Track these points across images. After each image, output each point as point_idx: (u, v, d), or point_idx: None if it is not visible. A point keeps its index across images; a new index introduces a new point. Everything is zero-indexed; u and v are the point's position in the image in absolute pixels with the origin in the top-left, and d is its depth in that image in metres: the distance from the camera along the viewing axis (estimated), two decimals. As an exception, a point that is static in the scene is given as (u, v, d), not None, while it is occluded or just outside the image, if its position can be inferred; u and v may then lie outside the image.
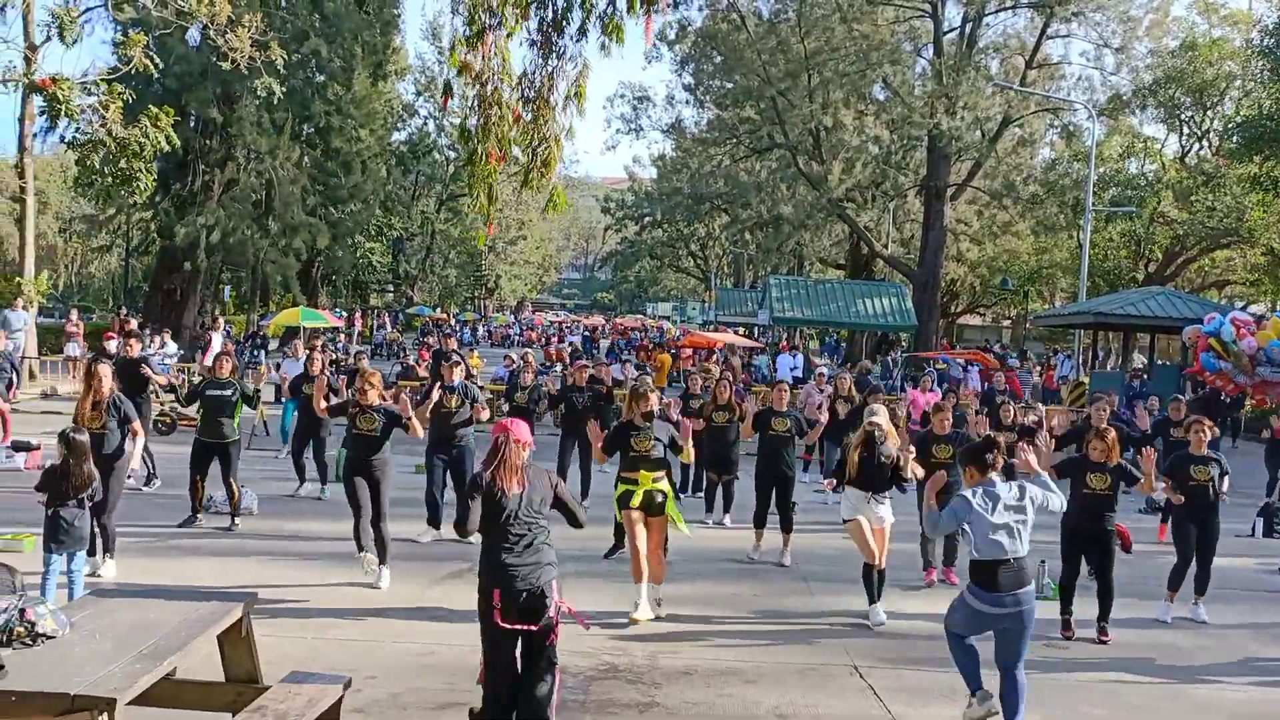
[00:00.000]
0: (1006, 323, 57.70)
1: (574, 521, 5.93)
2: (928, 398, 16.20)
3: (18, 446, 13.59)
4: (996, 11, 36.07)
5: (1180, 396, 15.01)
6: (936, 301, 38.69)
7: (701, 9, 38.60)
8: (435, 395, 10.17)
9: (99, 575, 8.43)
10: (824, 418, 12.17)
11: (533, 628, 5.43)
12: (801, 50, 34.80)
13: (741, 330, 47.65)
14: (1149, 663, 7.89)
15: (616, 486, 8.43)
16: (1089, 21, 35.26)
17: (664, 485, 8.31)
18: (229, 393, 10.76)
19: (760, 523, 10.55)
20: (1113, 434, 8.58)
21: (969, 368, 27.37)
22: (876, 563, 8.43)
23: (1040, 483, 6.36)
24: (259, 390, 12.01)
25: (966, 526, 6.08)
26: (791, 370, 26.58)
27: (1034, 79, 36.68)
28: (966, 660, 6.18)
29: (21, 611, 4.62)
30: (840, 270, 49.83)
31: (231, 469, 10.75)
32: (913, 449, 8.95)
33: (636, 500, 8.15)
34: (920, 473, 8.85)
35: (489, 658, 5.56)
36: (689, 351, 33.49)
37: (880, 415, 8.74)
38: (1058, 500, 6.41)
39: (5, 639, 4.50)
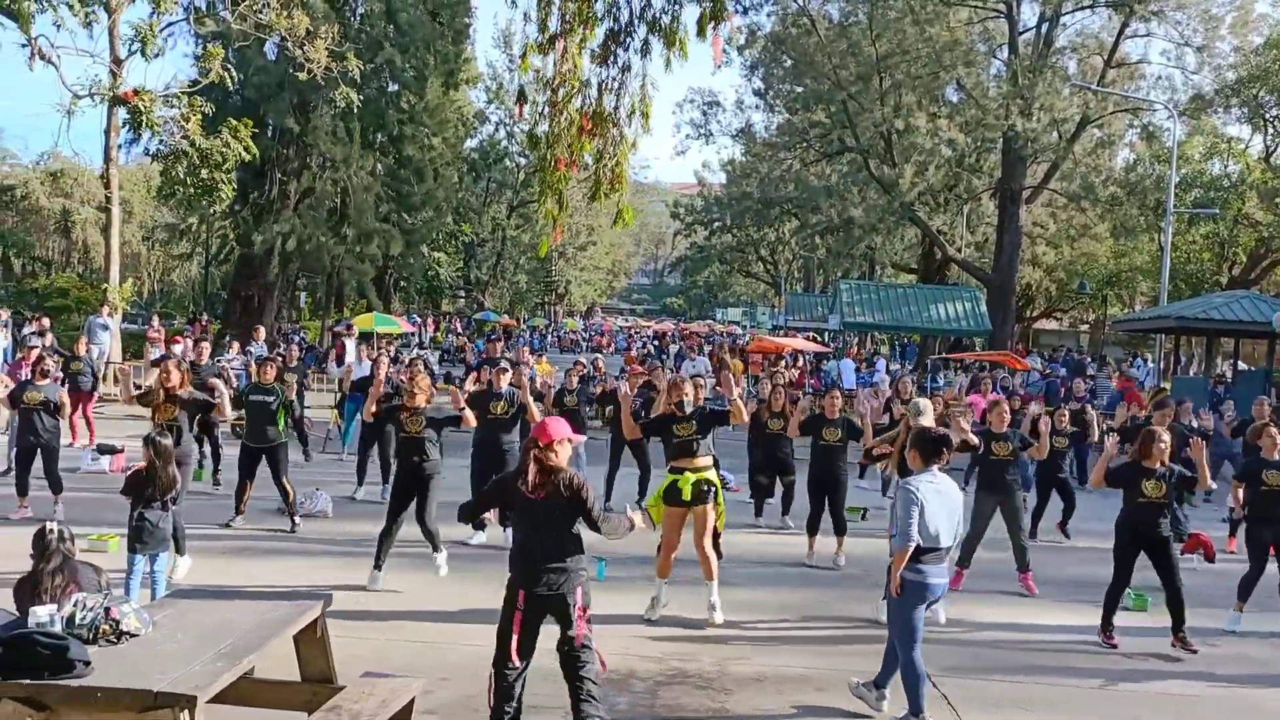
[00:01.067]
0: (1084, 327, 56.52)
1: (594, 528, 5.70)
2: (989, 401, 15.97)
3: (103, 449, 13.97)
4: (1073, 11, 35.36)
5: (1265, 397, 14.64)
6: (1011, 306, 38.03)
7: (770, 14, 38.48)
8: (470, 386, 10.30)
9: (171, 576, 8.59)
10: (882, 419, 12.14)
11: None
12: (873, 53, 34.48)
13: (813, 335, 47.30)
14: (1216, 673, 7.67)
15: (663, 480, 8.42)
16: (1169, 20, 34.42)
17: (712, 475, 8.26)
18: (271, 399, 10.95)
19: (813, 529, 10.57)
20: (1166, 436, 8.38)
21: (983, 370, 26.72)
22: None
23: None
24: (293, 401, 12.17)
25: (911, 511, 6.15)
26: (873, 377, 26.38)
27: (1113, 79, 35.93)
28: (919, 678, 6.19)
29: (107, 610, 4.74)
30: (912, 275, 49.24)
31: (281, 470, 10.90)
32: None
33: (686, 493, 8.10)
34: (974, 440, 9.05)
35: (499, 659, 5.57)
36: (758, 357, 33.27)
37: (927, 415, 8.73)
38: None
39: (91, 636, 4.61)
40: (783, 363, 28.60)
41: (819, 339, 45.58)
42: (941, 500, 6.17)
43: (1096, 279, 46.01)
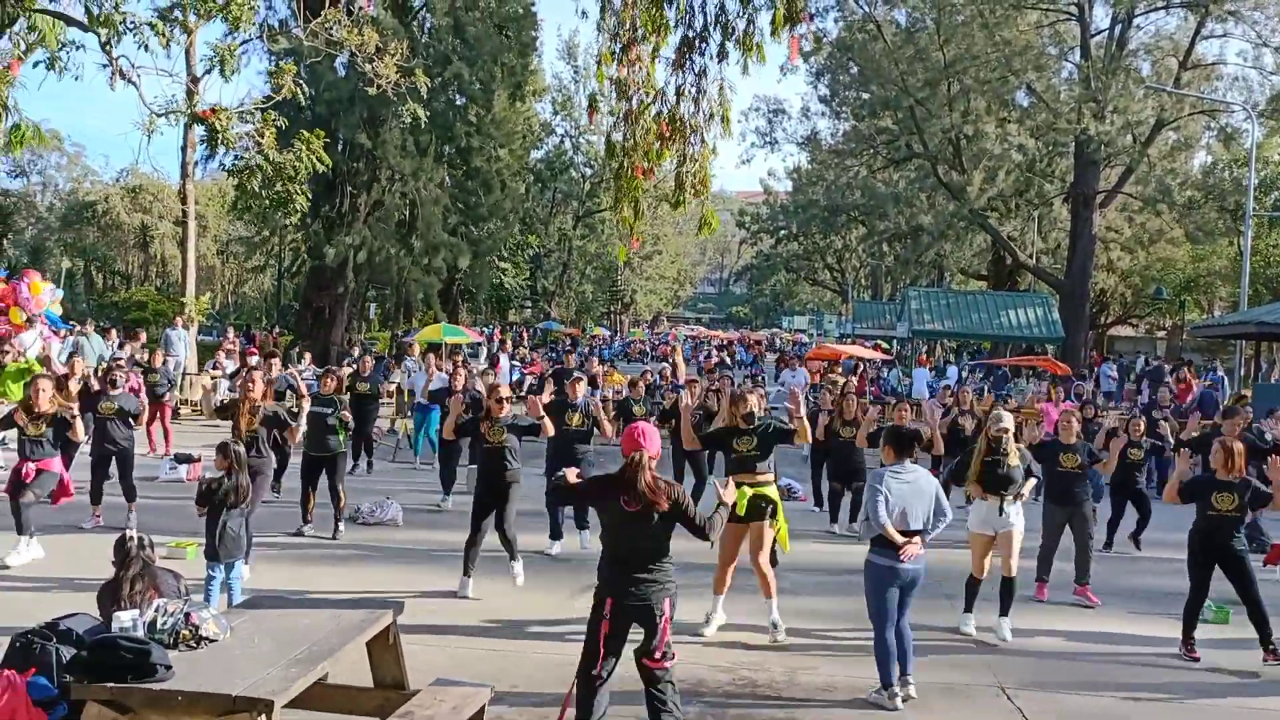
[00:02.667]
0: (1161, 334, 55.28)
1: (700, 536, 5.72)
2: (1060, 409, 15.69)
3: (180, 458, 14.27)
4: (1147, 12, 34.68)
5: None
6: (1085, 312, 37.31)
7: (837, 21, 38.28)
8: (546, 397, 10.31)
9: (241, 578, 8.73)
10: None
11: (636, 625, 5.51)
12: (940, 58, 34.13)
13: (883, 344, 46.90)
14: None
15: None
16: (1246, 20, 33.56)
17: (771, 492, 8.15)
18: (330, 410, 11.12)
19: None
20: (1239, 446, 8.16)
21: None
22: (1005, 569, 8.38)
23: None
24: (347, 420, 12.23)
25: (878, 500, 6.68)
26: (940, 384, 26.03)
27: (1188, 80, 35.13)
28: (888, 655, 6.68)
29: (187, 615, 4.84)
30: (982, 281, 48.57)
31: (338, 478, 11.07)
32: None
33: (741, 507, 8.04)
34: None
35: (583, 667, 5.60)
36: (817, 365, 33.01)
37: (1006, 421, 8.70)
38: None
39: (172, 641, 4.72)
40: (838, 369, 28.29)
41: (883, 347, 45.17)
42: (909, 490, 6.72)
43: (1173, 284, 44.98)
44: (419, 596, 8.50)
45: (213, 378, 20.28)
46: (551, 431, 9.37)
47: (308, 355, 21.34)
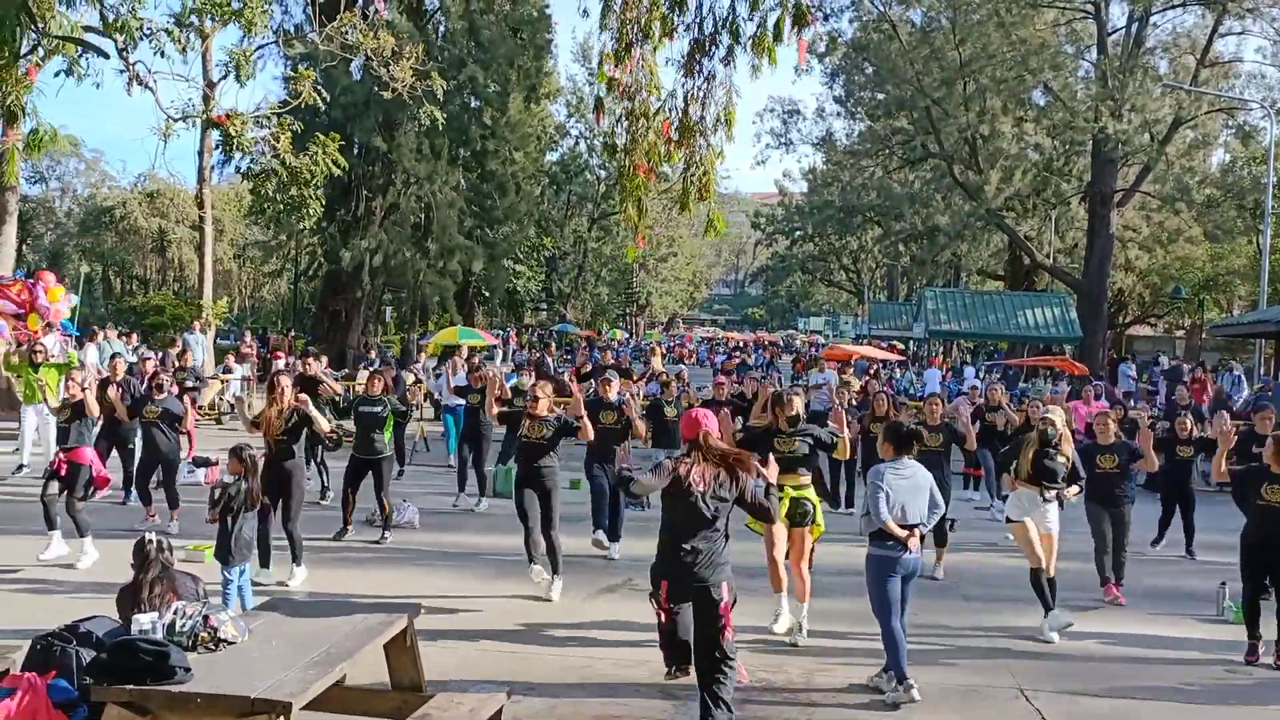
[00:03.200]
0: (1180, 333, 54.92)
1: (765, 517, 6.10)
2: (1091, 408, 15.62)
3: (198, 462, 14.29)
4: (1164, 10, 34.45)
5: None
6: (1103, 312, 37.09)
7: (852, 21, 38.17)
8: (579, 393, 10.29)
9: (287, 585, 8.75)
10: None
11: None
12: (956, 58, 33.99)
13: (899, 345, 46.77)
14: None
15: None
16: (1265, 16, 33.27)
17: (811, 494, 8.13)
18: (379, 410, 11.12)
19: (943, 541, 10.33)
20: None
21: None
22: (1045, 567, 8.26)
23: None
24: (408, 408, 12.33)
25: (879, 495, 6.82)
26: (962, 385, 25.91)
27: (1206, 78, 34.88)
28: (897, 645, 6.76)
29: (205, 618, 4.86)
30: (999, 281, 48.37)
31: (383, 484, 11.07)
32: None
33: (783, 509, 8.02)
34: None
35: (661, 634, 5.93)
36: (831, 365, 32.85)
37: (1055, 414, 8.68)
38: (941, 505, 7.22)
39: (191, 644, 4.74)
40: (850, 369, 28.14)
41: (896, 347, 45.01)
42: (907, 485, 6.90)
43: (1192, 283, 44.68)
44: (436, 599, 8.50)
45: (223, 381, 20.40)
46: (591, 434, 9.26)
47: (324, 359, 21.37)
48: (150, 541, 5.71)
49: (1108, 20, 34.46)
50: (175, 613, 4.87)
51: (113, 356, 16.33)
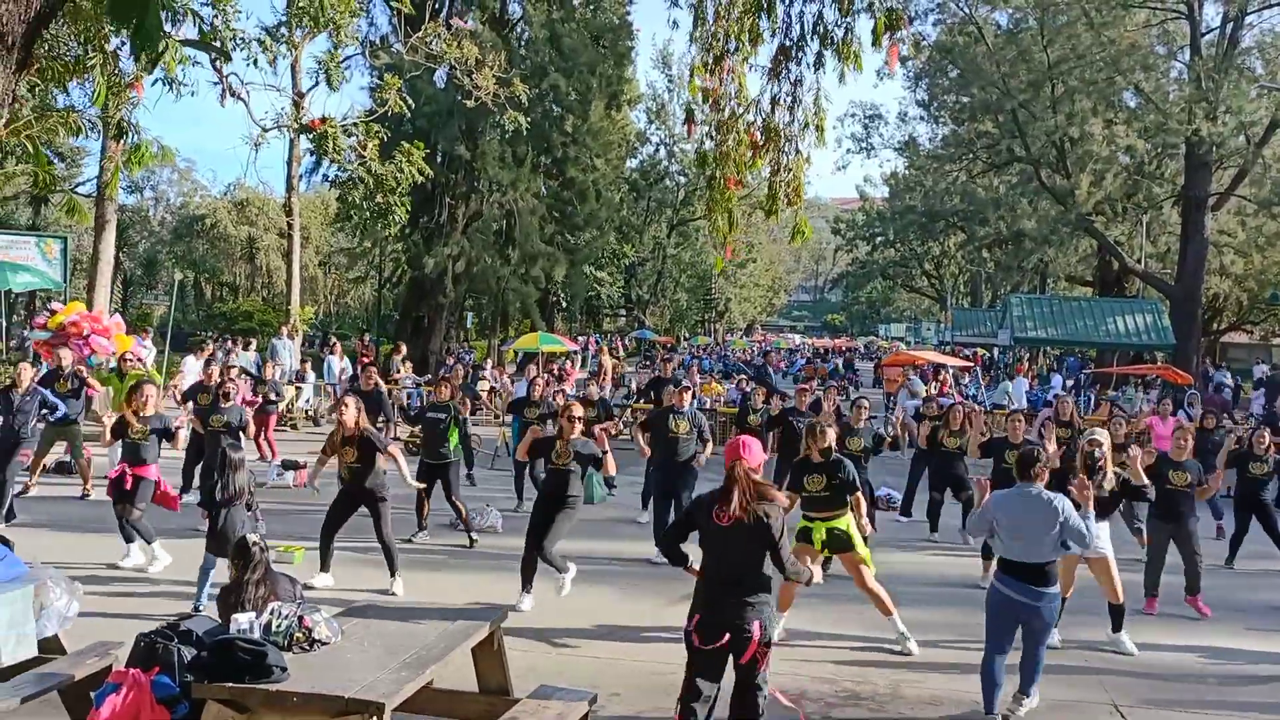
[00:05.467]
0: (1278, 340, 53.18)
1: (777, 563, 5.43)
2: (1167, 424, 15.12)
3: (287, 465, 14.67)
4: (1259, 10, 33.42)
5: None
6: (1197, 318, 36.03)
7: (937, 24, 37.69)
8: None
9: (394, 594, 8.85)
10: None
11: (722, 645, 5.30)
12: (1044, 60, 33.35)
13: (980, 351, 46.00)
14: None
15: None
16: (1369, 13, 32.20)
17: (842, 524, 7.97)
18: (444, 416, 11.20)
19: (989, 554, 10.16)
20: None
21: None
22: (1108, 593, 8.18)
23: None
24: (466, 418, 12.38)
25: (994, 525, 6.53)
26: (1048, 394, 25.42)
27: (1305, 78, 33.77)
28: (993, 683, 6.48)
29: (300, 619, 4.95)
30: (1088, 287, 47.31)
31: (452, 489, 11.15)
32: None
33: (818, 540, 7.92)
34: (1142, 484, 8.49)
35: (685, 678, 5.46)
36: (894, 373, 32.37)
37: (1100, 435, 8.47)
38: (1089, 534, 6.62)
39: (286, 644, 4.83)
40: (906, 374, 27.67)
41: (978, 355, 44.25)
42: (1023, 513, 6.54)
43: (1290, 289, 43.25)
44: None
45: (297, 388, 20.86)
46: (613, 470, 8.97)
47: (408, 364, 21.74)
48: (255, 542, 5.84)
49: (1201, 20, 33.53)
50: (272, 613, 4.97)
51: (207, 364, 16.77)
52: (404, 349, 25.34)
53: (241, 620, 4.89)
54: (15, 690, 5.06)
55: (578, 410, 9.01)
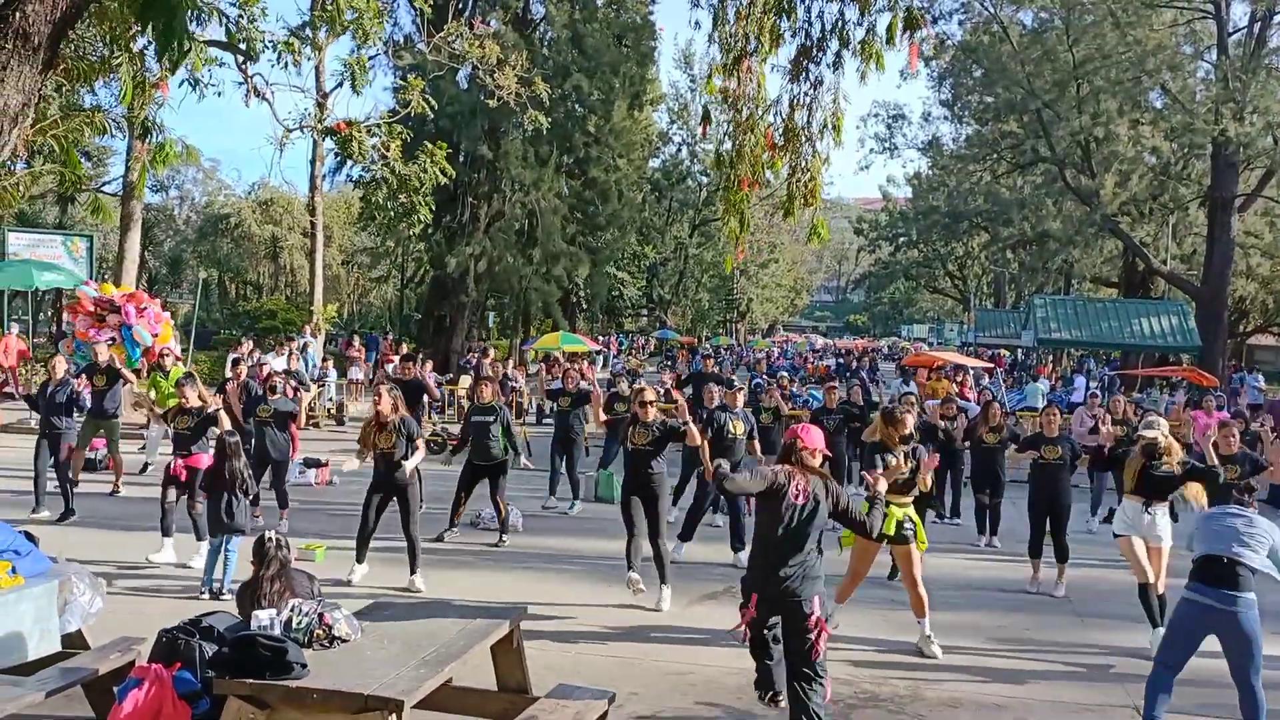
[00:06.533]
0: (1305, 343, 52.70)
1: (863, 532, 5.98)
2: (1212, 419, 15.04)
3: (309, 463, 14.71)
4: (1290, 9, 33.12)
5: None
6: (1223, 320, 35.74)
7: (961, 23, 37.52)
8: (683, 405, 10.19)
9: (417, 590, 8.88)
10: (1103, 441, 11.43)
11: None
12: (1069, 59, 33.16)
13: (1003, 352, 45.76)
14: None
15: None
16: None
17: (913, 512, 8.04)
18: (490, 418, 11.22)
19: (1035, 553, 10.07)
20: None
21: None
22: (1151, 582, 8.07)
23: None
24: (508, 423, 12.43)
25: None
26: (1071, 396, 25.25)
27: (1334, 78, 33.41)
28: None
29: (320, 616, 4.98)
30: (1113, 289, 46.99)
31: (498, 488, 11.17)
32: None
33: (889, 527, 7.90)
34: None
35: (751, 646, 5.85)
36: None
37: (1160, 427, 8.43)
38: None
39: (306, 640, 4.85)
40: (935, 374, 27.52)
41: (1001, 356, 43.98)
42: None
43: (1318, 291, 42.86)
44: (541, 602, 8.57)
45: (319, 386, 20.95)
46: (698, 439, 9.10)
47: (430, 364, 21.77)
48: (270, 539, 5.89)
49: (1228, 20, 33.28)
50: (292, 610, 5.00)
51: (234, 362, 16.86)
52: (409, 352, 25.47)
53: (262, 617, 4.92)
54: (40, 684, 5.11)
55: (649, 395, 9.23)
